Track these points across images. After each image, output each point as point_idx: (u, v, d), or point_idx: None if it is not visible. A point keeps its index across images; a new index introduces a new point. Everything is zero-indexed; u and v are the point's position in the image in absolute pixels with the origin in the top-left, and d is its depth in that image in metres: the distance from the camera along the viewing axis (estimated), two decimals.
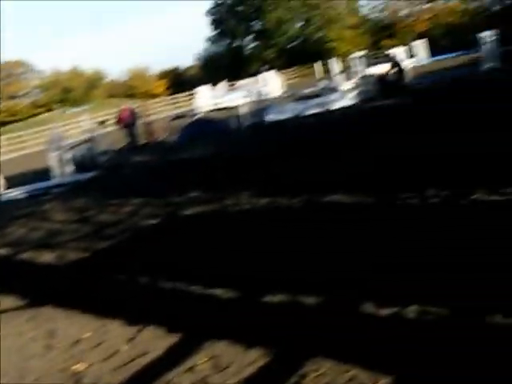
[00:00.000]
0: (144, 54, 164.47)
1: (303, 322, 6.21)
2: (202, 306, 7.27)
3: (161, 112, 48.50)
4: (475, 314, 5.50)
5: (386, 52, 34.18)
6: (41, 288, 9.63)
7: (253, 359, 5.58)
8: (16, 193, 22.09)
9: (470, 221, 8.07)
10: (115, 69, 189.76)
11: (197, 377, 5.50)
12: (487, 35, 34.94)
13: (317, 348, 5.52)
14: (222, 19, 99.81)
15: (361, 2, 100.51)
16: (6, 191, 22.71)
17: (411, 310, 5.82)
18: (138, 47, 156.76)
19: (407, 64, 40.84)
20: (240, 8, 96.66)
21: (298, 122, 28.35)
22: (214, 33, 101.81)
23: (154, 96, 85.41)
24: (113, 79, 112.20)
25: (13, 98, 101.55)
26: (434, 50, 58.21)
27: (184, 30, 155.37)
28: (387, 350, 5.22)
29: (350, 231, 9.00)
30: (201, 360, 5.79)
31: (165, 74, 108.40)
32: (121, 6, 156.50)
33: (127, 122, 31.76)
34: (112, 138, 31.86)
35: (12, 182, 25.78)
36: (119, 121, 32.14)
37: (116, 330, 7.03)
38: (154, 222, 12.67)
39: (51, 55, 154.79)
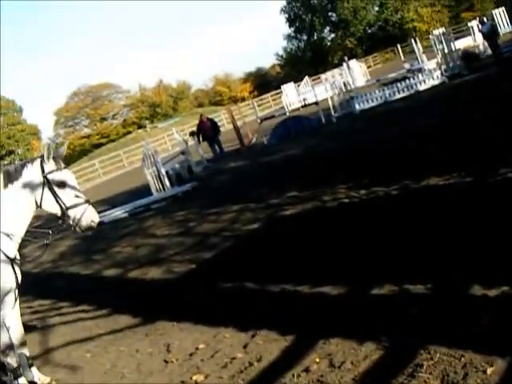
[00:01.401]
0: (225, 60, 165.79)
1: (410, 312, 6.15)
2: (312, 305, 7.26)
3: (249, 115, 48.67)
4: None
5: (483, 20, 33.30)
6: (152, 303, 9.80)
7: (366, 354, 5.55)
8: (118, 212, 22.53)
9: None
10: (199, 78, 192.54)
11: (313, 377, 5.49)
12: None
13: (428, 336, 5.45)
14: (296, 15, 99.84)
15: None
16: (109, 211, 23.18)
17: None
18: (219, 54, 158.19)
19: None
20: (313, 1, 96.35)
21: (387, 107, 28.13)
22: (290, 30, 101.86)
23: (241, 100, 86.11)
24: (198, 89, 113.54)
25: (103, 119, 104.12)
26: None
27: (261, 32, 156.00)
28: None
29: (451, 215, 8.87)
30: (315, 359, 5.79)
31: (248, 77, 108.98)
32: (197, 17, 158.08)
33: (208, 135, 31.78)
34: (205, 146, 32.14)
35: (113, 203, 26.37)
36: (199, 134, 32.03)
37: (230, 339, 7.09)
38: (255, 226, 12.73)
39: (135, 73, 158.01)
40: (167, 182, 23.45)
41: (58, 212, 6.93)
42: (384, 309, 6.44)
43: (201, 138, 32.20)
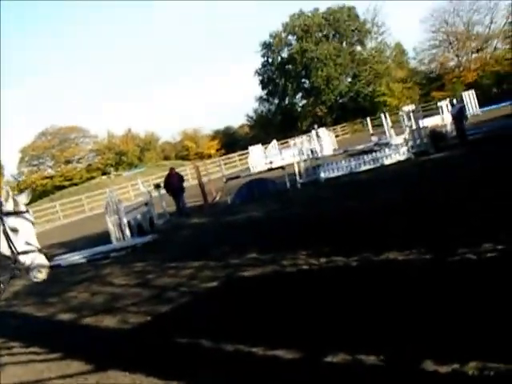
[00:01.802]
0: (195, 115, 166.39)
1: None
2: (265, 367, 7.33)
3: (215, 173, 48.96)
4: None
5: (456, 102, 34.08)
6: (105, 352, 9.77)
7: None
8: (76, 257, 22.41)
9: None
10: (168, 131, 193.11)
11: None
12: None
13: None
14: (270, 78, 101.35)
15: (408, 55, 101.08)
16: (67, 255, 23.05)
17: None
18: (190, 109, 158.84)
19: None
20: (288, 67, 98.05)
21: (352, 178, 28.51)
22: (263, 92, 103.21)
23: (207, 157, 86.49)
24: (166, 141, 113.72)
25: (68, 162, 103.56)
26: (483, 100, 58.10)
27: (234, 91, 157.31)
28: None
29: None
30: None
31: (217, 135, 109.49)
32: (171, 69, 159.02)
33: (175, 188, 31.77)
34: (168, 200, 32.15)
35: (71, 246, 26.22)
36: (167, 186, 32.07)
37: None
38: (214, 284, 12.78)
39: (105, 119, 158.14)
40: (128, 232, 23.42)
41: (11, 256, 6.88)
42: (336, 377, 6.53)
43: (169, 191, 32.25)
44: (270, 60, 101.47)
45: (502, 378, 5.58)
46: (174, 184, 31.55)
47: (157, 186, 33.23)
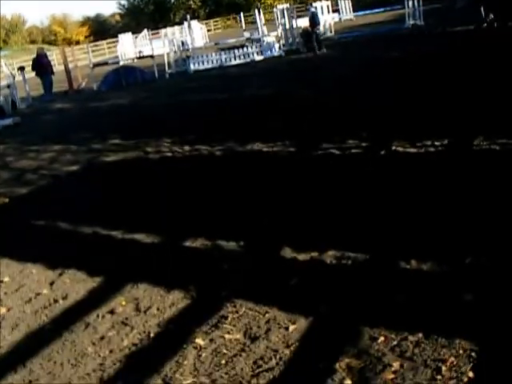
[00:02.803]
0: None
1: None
2: (123, 250, 7.29)
3: (82, 59, 47.55)
4: None
5: (311, 6, 33.96)
6: None
7: (173, 302, 5.64)
8: None
9: None
10: (36, 14, 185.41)
11: (117, 319, 5.53)
12: None
13: (235, 291, 5.61)
14: None
15: None
16: None
17: None
18: None
19: (330, 18, 41.03)
20: None
21: (221, 71, 28.38)
22: None
23: (75, 43, 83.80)
24: (33, 25, 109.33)
25: None
26: (359, 5, 58.38)
27: None
28: None
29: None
30: (122, 302, 5.83)
31: (86, 22, 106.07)
32: None
33: (43, 71, 30.72)
34: (32, 84, 31.09)
35: None
36: (35, 67, 31.00)
37: (36, 275, 6.97)
38: (74, 168, 12.55)
39: None
40: None
41: None
42: (196, 261, 6.56)
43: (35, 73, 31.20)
44: None
45: (359, 267, 5.72)
46: (43, 66, 30.51)
47: (21, 68, 32.01)
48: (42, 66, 30.44)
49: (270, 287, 5.61)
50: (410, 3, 34.87)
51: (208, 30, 65.64)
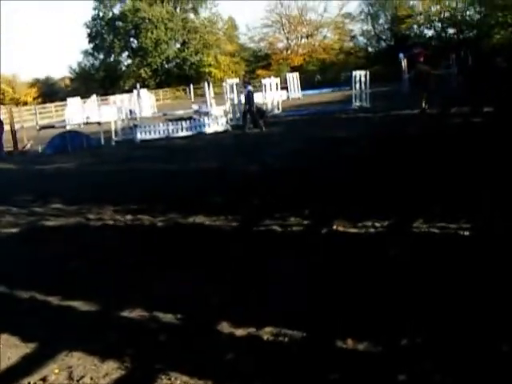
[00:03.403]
0: (15, 59, 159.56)
1: None
2: (60, 315, 7.22)
3: (29, 121, 47.32)
4: None
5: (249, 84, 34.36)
6: None
7: (107, 372, 5.60)
8: None
9: None
10: None
11: None
12: (360, 74, 36.23)
13: (172, 363, 5.61)
14: (99, 33, 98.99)
15: (240, 31, 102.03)
16: None
17: None
18: (9, 52, 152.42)
19: (278, 96, 41.67)
20: (118, 24, 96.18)
21: (168, 142, 28.56)
22: (89, 46, 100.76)
23: (23, 104, 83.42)
24: None
25: None
26: (308, 84, 59.65)
27: (59, 40, 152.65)
28: None
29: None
30: (55, 370, 5.77)
31: (36, 83, 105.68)
32: None
33: None
34: None
35: None
36: None
37: None
38: (13, 230, 12.45)
39: None
40: None
41: None
42: (133, 332, 6.53)
43: None
44: (101, 14, 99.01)
45: (295, 343, 5.78)
46: None
47: None
48: None
49: (205, 361, 5.62)
50: (358, 85, 35.92)
51: (157, 100, 66.23)
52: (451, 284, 6.87)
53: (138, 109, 39.94)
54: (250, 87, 31.33)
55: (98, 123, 32.57)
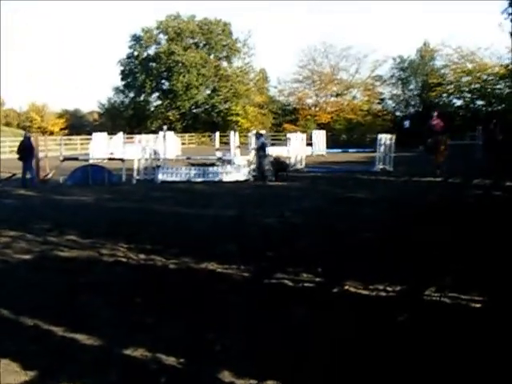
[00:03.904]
0: (46, 89, 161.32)
1: None
2: (63, 347, 7.21)
3: (53, 151, 47.67)
4: None
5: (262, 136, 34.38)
6: None
7: None
8: None
9: None
10: (15, 98, 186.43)
11: None
12: (386, 137, 36.44)
13: None
14: (131, 71, 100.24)
15: (270, 83, 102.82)
16: None
17: None
18: (41, 81, 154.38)
19: (303, 151, 41.76)
20: (152, 64, 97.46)
21: (188, 186, 28.65)
22: (121, 83, 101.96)
23: (49, 133, 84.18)
24: (11, 108, 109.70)
25: None
26: (333, 142, 59.97)
27: (92, 74, 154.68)
28: None
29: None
30: None
31: (64, 114, 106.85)
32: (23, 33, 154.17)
33: (27, 155, 30.63)
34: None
35: None
36: (20, 151, 30.94)
37: None
38: (26, 257, 12.48)
39: None
40: None
41: None
42: (133, 370, 6.51)
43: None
44: (136, 53, 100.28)
45: None
46: (27, 151, 30.55)
47: None
48: (26, 150, 30.47)
49: None
50: (382, 148, 36.06)
51: (182, 143, 66.70)
52: (456, 358, 6.80)
53: (162, 150, 40.11)
54: (262, 139, 31.53)
55: (122, 160, 32.78)
